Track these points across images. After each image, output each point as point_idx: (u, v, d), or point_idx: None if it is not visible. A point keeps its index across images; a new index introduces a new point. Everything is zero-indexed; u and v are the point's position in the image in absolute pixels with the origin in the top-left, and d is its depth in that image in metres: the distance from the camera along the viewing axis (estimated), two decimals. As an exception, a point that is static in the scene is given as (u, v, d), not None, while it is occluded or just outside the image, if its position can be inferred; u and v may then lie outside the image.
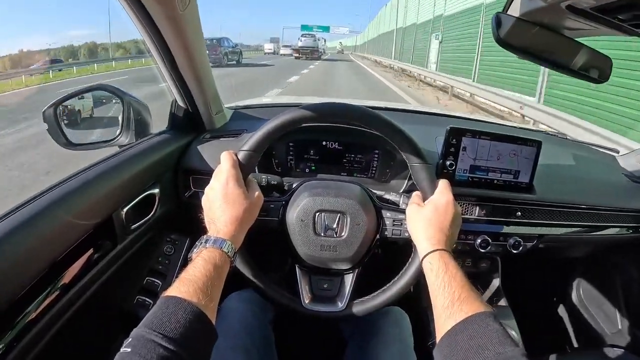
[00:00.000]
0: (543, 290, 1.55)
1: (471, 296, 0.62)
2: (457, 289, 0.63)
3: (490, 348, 0.53)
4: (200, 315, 0.55)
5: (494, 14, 0.82)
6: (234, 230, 0.68)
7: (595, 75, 0.89)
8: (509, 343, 0.54)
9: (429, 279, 0.68)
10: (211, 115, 1.08)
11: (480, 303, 0.61)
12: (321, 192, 0.82)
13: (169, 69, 0.90)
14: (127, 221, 0.87)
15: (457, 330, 0.58)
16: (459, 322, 0.58)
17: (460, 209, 0.77)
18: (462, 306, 0.60)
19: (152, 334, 0.50)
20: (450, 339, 0.58)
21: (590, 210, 1.10)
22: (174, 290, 0.57)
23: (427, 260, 0.70)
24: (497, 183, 1.01)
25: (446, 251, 0.70)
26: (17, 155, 4.41)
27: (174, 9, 0.73)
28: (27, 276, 0.62)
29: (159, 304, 0.55)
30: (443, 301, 0.62)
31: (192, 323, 0.53)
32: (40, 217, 0.64)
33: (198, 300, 0.56)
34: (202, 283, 0.58)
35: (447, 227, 0.73)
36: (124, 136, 1.03)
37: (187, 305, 0.54)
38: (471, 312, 0.58)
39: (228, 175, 0.71)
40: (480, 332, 0.56)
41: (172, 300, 0.55)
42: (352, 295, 0.84)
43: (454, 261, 0.68)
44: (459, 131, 0.97)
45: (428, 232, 0.73)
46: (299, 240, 0.81)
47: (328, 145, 1.08)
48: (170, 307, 0.54)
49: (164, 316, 0.52)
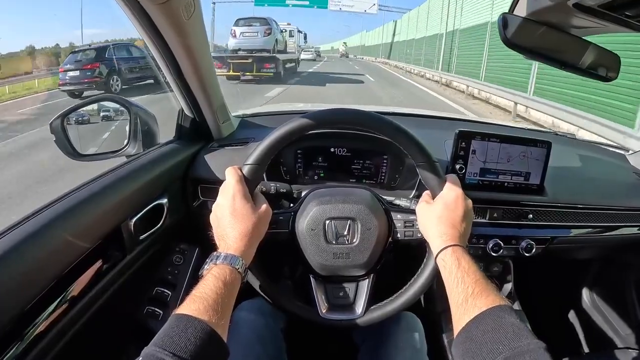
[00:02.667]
0: (556, 292, 1.53)
1: (486, 290, 0.61)
2: (471, 284, 0.62)
3: (505, 342, 0.52)
4: (211, 333, 0.55)
5: (500, 15, 0.82)
6: (243, 245, 0.68)
7: (604, 74, 0.88)
8: (525, 336, 0.53)
9: (444, 276, 0.67)
10: (218, 124, 1.08)
11: (495, 297, 0.60)
12: (329, 199, 0.81)
13: (175, 78, 0.91)
14: (136, 232, 0.86)
15: (472, 326, 0.57)
16: (473, 318, 0.58)
17: (471, 203, 0.76)
18: (476, 301, 0.59)
19: (162, 352, 0.50)
20: (465, 335, 0.57)
21: (602, 210, 1.09)
22: (185, 308, 0.56)
23: (440, 257, 0.69)
24: (508, 186, 1.00)
25: (459, 246, 0.69)
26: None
27: (179, 18, 0.73)
28: (35, 288, 0.62)
29: (169, 322, 0.55)
30: (457, 297, 0.62)
31: (203, 341, 0.53)
32: (47, 229, 0.64)
33: (209, 318, 0.56)
34: (213, 300, 0.58)
35: (459, 222, 0.72)
36: (131, 146, 1.03)
37: (198, 324, 0.54)
38: (485, 307, 0.58)
39: (234, 191, 0.71)
40: (494, 326, 0.55)
41: (182, 318, 0.55)
42: (369, 301, 0.83)
43: (468, 255, 0.67)
44: (468, 134, 0.96)
45: (439, 228, 0.72)
46: (311, 250, 0.80)
47: (336, 151, 1.07)
48: (180, 326, 0.53)
49: (174, 334, 0.52)
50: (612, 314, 1.33)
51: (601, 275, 1.39)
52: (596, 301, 1.39)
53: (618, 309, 1.32)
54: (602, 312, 1.36)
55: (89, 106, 1.06)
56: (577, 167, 1.16)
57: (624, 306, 1.29)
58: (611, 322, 1.32)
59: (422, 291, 0.79)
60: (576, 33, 0.84)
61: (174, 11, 0.72)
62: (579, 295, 1.43)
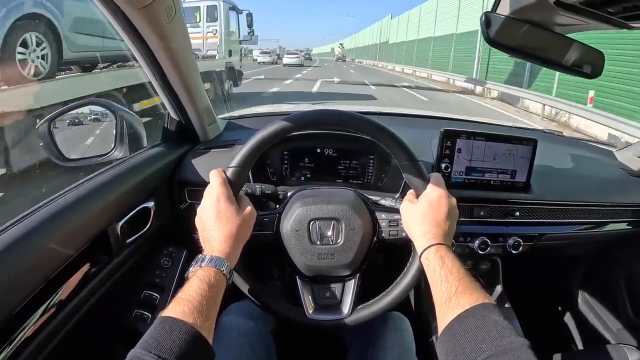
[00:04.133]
0: (546, 289, 1.53)
1: (469, 288, 0.61)
2: (455, 282, 0.62)
3: (488, 341, 0.52)
4: (195, 335, 0.54)
5: (482, 14, 0.82)
6: (228, 247, 0.68)
7: (588, 71, 0.88)
8: (508, 334, 0.53)
9: (428, 274, 0.67)
10: (204, 127, 1.08)
11: (479, 294, 0.60)
12: (313, 200, 0.81)
13: (160, 82, 0.90)
14: (123, 235, 0.86)
15: (455, 324, 0.57)
16: (457, 316, 0.57)
17: (455, 201, 0.76)
18: (459, 300, 0.59)
19: (148, 355, 0.50)
20: (449, 333, 0.57)
21: (589, 207, 1.10)
22: (170, 310, 0.56)
23: (424, 256, 0.69)
24: (494, 184, 1.00)
25: (443, 245, 0.69)
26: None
27: (159, 22, 0.73)
28: (23, 292, 0.62)
29: (155, 324, 0.55)
30: (441, 296, 0.62)
31: (188, 343, 0.53)
32: (34, 234, 0.64)
33: (194, 320, 0.55)
34: (198, 302, 0.58)
35: (443, 220, 0.72)
36: (117, 150, 1.02)
37: (183, 326, 0.54)
38: (469, 305, 0.58)
39: (218, 194, 0.71)
40: (477, 324, 0.55)
41: (168, 320, 0.55)
42: (356, 301, 0.83)
43: (452, 254, 0.67)
44: (453, 133, 0.96)
45: (423, 227, 0.72)
46: (295, 251, 0.80)
47: (323, 152, 1.07)
48: (166, 328, 0.53)
49: (160, 337, 0.52)
50: (603, 310, 1.34)
51: (591, 271, 1.40)
52: (587, 297, 1.39)
53: (609, 305, 1.32)
54: (593, 308, 1.37)
55: (75, 110, 1.05)
56: (565, 164, 1.16)
57: (614, 302, 1.30)
58: (602, 318, 1.33)
59: (408, 290, 0.79)
60: (559, 30, 0.85)
61: (155, 15, 0.71)
62: (570, 291, 1.44)
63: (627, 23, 0.71)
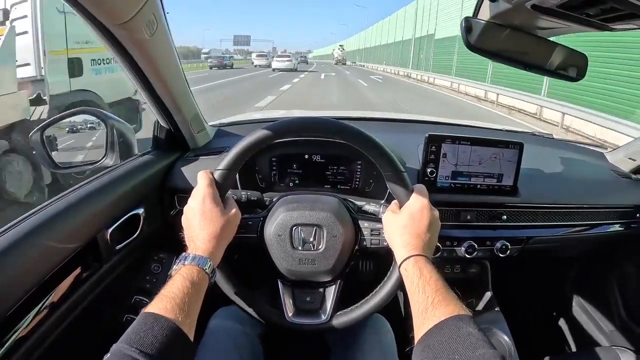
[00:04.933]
0: (537, 292, 1.53)
1: (445, 300, 0.61)
2: (431, 293, 0.63)
3: (461, 352, 0.53)
4: (176, 331, 0.56)
5: (462, 19, 0.82)
6: (212, 247, 0.70)
7: (573, 74, 0.88)
8: (482, 346, 0.53)
9: (406, 285, 0.68)
10: (193, 135, 1.09)
11: (454, 306, 0.60)
12: (297, 206, 0.83)
13: (147, 92, 0.92)
14: (112, 242, 0.88)
15: (430, 335, 0.58)
16: (432, 328, 0.58)
17: (437, 213, 0.77)
18: (435, 311, 0.60)
19: (129, 349, 0.51)
20: (424, 344, 0.58)
21: (579, 209, 1.09)
22: (153, 307, 0.58)
23: (403, 266, 0.70)
24: (481, 188, 1.00)
25: (422, 256, 0.69)
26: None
27: (141, 36, 0.74)
28: (15, 296, 0.64)
29: (137, 320, 0.57)
30: (418, 307, 0.63)
31: (169, 339, 0.55)
32: (24, 241, 0.65)
33: (175, 316, 0.57)
34: (180, 300, 0.60)
35: (424, 232, 0.73)
36: (108, 158, 1.04)
37: (165, 321, 0.56)
38: (444, 317, 0.58)
39: (205, 194, 0.73)
40: (451, 336, 0.56)
41: (150, 316, 0.56)
42: (336, 306, 0.84)
43: (430, 265, 0.68)
44: (438, 138, 0.97)
45: (404, 238, 0.72)
46: (277, 255, 0.82)
47: (311, 158, 1.08)
48: (148, 323, 0.55)
49: (142, 332, 0.54)
50: (595, 312, 1.33)
51: (583, 273, 1.40)
52: (579, 300, 1.39)
53: (601, 307, 1.32)
54: (586, 310, 1.36)
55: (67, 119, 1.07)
56: (554, 166, 1.16)
57: (607, 304, 1.29)
58: (595, 320, 1.32)
59: (387, 298, 0.80)
60: (542, 34, 0.85)
61: (136, 29, 0.72)
62: (561, 293, 1.43)
63: (607, 25, 0.71)
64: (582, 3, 0.65)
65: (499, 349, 0.80)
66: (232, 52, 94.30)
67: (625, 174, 1.19)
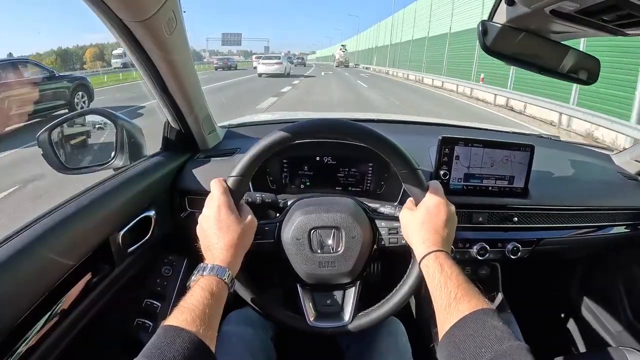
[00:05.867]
0: (545, 294, 1.54)
1: (468, 294, 0.61)
2: (454, 288, 0.62)
3: (487, 346, 0.53)
4: (198, 344, 0.55)
5: (479, 22, 0.82)
6: (230, 256, 0.68)
7: (585, 77, 0.89)
8: (507, 339, 0.53)
9: (427, 281, 0.68)
10: (204, 136, 1.08)
11: (477, 300, 0.60)
12: (313, 209, 0.82)
13: (160, 92, 0.91)
14: (124, 244, 0.87)
15: (455, 330, 0.58)
16: (456, 322, 0.58)
17: (453, 208, 0.77)
18: (458, 306, 0.60)
19: None
20: (448, 339, 0.58)
21: (587, 211, 1.10)
22: (173, 319, 0.57)
23: (423, 263, 0.70)
24: (492, 190, 1.01)
25: (442, 251, 0.69)
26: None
27: (160, 34, 0.73)
28: (26, 302, 0.62)
29: (158, 333, 0.55)
30: (441, 302, 0.62)
31: (191, 352, 0.53)
32: (37, 244, 0.64)
33: (196, 329, 0.56)
34: (200, 311, 0.58)
35: (442, 227, 0.73)
36: (118, 159, 1.03)
37: (186, 335, 0.54)
38: (468, 311, 0.58)
39: (219, 203, 0.71)
40: (477, 330, 0.55)
41: (170, 329, 0.55)
42: (357, 308, 0.83)
43: (451, 260, 0.68)
44: (451, 140, 0.97)
45: (422, 234, 0.72)
46: (296, 260, 0.81)
47: (322, 160, 1.08)
48: (169, 337, 0.54)
49: (163, 346, 0.52)
50: (602, 313, 1.34)
51: (590, 275, 1.41)
52: (587, 301, 1.40)
53: (609, 308, 1.33)
54: (593, 311, 1.37)
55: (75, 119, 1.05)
56: (562, 168, 1.17)
57: (614, 305, 1.30)
58: (602, 321, 1.33)
59: (408, 297, 0.80)
60: (555, 38, 0.86)
61: (156, 27, 0.72)
62: (568, 295, 1.44)
63: (622, 30, 0.72)
64: (600, 9, 0.65)
65: None
66: (226, 53, 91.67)
67: (631, 176, 1.20)
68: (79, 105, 8.74)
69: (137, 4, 0.65)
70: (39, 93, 7.59)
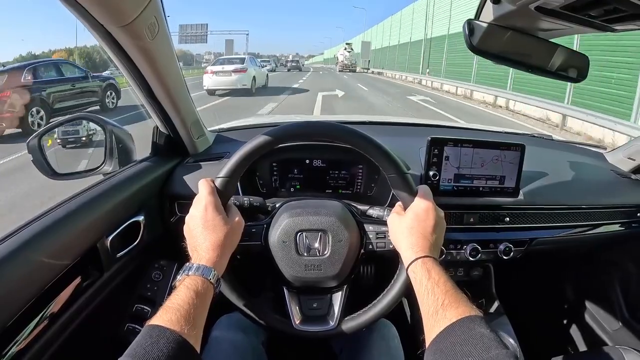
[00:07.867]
0: (540, 293, 1.53)
1: (456, 301, 0.61)
2: (441, 295, 0.62)
3: (474, 354, 0.52)
4: (182, 343, 0.55)
5: (465, 21, 0.82)
6: (215, 256, 0.68)
7: (574, 75, 0.89)
8: (495, 347, 0.53)
9: (415, 287, 0.67)
10: (193, 140, 1.08)
11: (465, 307, 0.60)
12: (300, 212, 0.82)
13: (147, 97, 0.91)
14: (113, 250, 0.87)
15: (442, 337, 0.57)
16: (443, 329, 0.57)
17: (442, 213, 0.76)
18: (445, 312, 0.59)
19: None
20: (435, 347, 0.57)
21: (580, 210, 1.10)
22: (158, 319, 0.57)
23: (410, 268, 0.69)
24: (483, 190, 1.00)
25: (430, 257, 0.69)
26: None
27: (143, 39, 0.73)
28: (15, 306, 0.62)
29: (142, 333, 0.55)
30: (428, 309, 0.62)
31: (175, 352, 0.53)
32: (24, 249, 0.64)
33: (181, 328, 0.56)
34: (185, 311, 0.58)
35: (430, 232, 0.72)
36: (107, 164, 1.03)
37: (170, 334, 0.54)
38: (455, 318, 0.58)
39: (206, 202, 0.71)
40: (464, 337, 0.55)
41: (155, 329, 0.55)
42: (343, 312, 0.83)
43: (438, 266, 0.67)
44: (441, 141, 0.96)
45: (410, 240, 0.72)
46: (283, 262, 0.80)
47: (312, 163, 1.08)
48: (153, 336, 0.54)
49: (147, 345, 0.52)
50: (598, 312, 1.33)
51: (586, 274, 1.40)
52: (582, 300, 1.39)
53: (605, 306, 1.32)
54: (589, 310, 1.36)
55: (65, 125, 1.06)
56: (554, 167, 1.16)
57: (610, 304, 1.30)
58: (598, 320, 1.32)
59: (395, 302, 0.79)
60: (543, 36, 0.85)
61: (138, 32, 0.72)
62: (563, 294, 1.43)
63: (610, 26, 0.72)
64: (585, 4, 0.65)
65: None
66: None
67: (625, 173, 1.19)
68: (110, 103, 9.68)
69: (117, 9, 0.64)
70: (78, 91, 8.58)
